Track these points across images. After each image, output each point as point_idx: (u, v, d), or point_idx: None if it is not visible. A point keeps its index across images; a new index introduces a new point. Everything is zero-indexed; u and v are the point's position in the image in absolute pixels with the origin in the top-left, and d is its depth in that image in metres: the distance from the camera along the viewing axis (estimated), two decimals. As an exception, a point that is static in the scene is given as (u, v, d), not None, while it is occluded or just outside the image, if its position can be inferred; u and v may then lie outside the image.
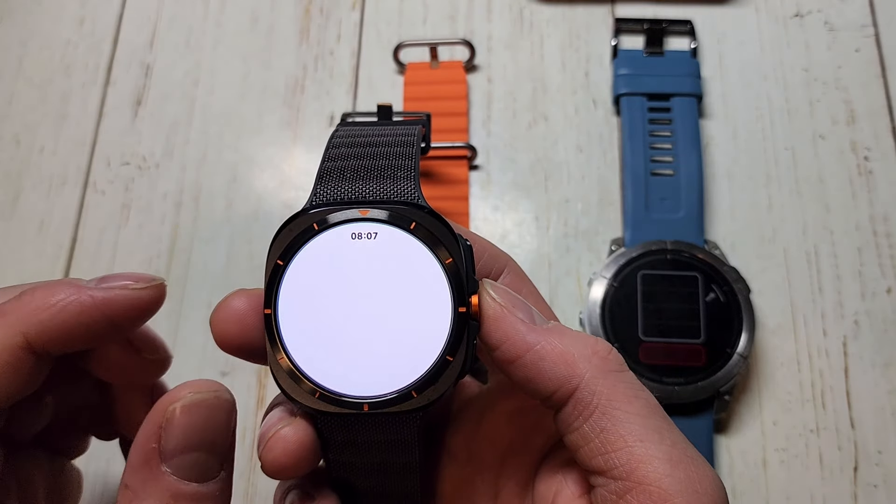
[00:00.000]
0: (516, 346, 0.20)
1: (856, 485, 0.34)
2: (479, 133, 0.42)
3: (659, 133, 0.39)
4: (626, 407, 0.19)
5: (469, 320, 0.20)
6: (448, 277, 0.20)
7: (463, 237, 0.21)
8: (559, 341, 0.20)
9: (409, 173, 0.21)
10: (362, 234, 0.21)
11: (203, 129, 0.43)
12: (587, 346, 0.20)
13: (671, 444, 0.19)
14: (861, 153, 0.40)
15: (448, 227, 0.20)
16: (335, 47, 0.44)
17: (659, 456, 0.18)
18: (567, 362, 0.20)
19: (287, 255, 0.21)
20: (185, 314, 0.39)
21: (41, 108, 0.43)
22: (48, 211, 0.41)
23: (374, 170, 0.22)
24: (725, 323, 0.34)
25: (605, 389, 0.19)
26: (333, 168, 0.22)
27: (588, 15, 0.44)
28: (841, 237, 0.39)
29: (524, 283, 0.24)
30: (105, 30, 0.45)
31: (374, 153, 0.22)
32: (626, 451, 0.18)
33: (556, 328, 0.21)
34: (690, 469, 0.18)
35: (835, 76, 0.42)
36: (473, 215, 0.40)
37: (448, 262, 0.20)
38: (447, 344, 0.20)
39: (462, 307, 0.20)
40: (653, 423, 0.19)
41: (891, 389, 0.36)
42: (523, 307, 0.21)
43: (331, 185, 0.21)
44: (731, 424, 0.36)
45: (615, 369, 0.20)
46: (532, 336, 0.20)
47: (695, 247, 0.36)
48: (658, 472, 0.18)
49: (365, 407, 0.20)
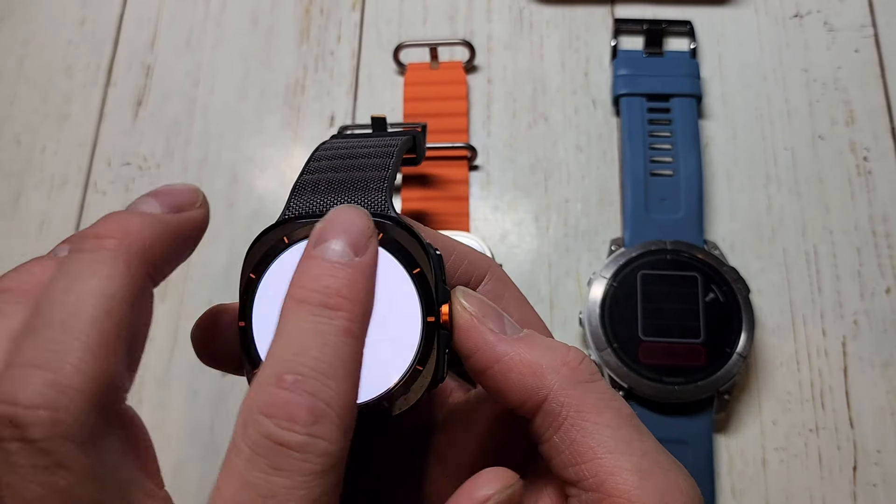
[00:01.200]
0: (485, 357, 0.20)
1: (855, 484, 0.35)
2: (479, 133, 0.42)
3: (658, 133, 0.39)
4: (595, 418, 0.19)
5: (439, 329, 0.20)
6: (417, 287, 0.20)
7: (433, 247, 0.21)
8: (528, 352, 0.20)
9: (381, 185, 0.21)
10: None
11: (204, 130, 0.43)
12: (557, 356, 0.20)
13: (641, 454, 0.19)
14: (860, 153, 0.40)
15: (416, 237, 0.20)
16: (335, 48, 0.44)
17: (628, 467, 0.18)
18: (535, 373, 0.19)
19: (259, 268, 0.21)
20: (186, 314, 0.39)
21: (42, 109, 0.43)
22: (49, 211, 0.41)
23: (347, 182, 0.22)
24: (725, 323, 0.34)
25: (573, 401, 0.19)
26: (308, 181, 0.22)
27: (588, 16, 0.44)
28: (840, 237, 0.39)
29: (507, 288, 0.24)
30: (106, 30, 0.45)
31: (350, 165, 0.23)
32: (595, 463, 0.18)
33: (527, 338, 0.20)
34: (660, 479, 0.18)
35: (834, 77, 0.42)
36: (473, 215, 0.40)
37: (416, 272, 0.20)
38: (416, 354, 0.20)
39: (431, 317, 0.20)
40: (623, 433, 0.19)
41: (890, 389, 0.36)
42: (495, 316, 0.20)
43: (303, 198, 0.22)
44: (730, 424, 0.36)
45: (585, 380, 0.20)
46: (501, 346, 0.20)
47: (694, 247, 0.36)
48: (627, 484, 0.18)
49: None
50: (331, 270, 0.18)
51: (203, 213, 0.20)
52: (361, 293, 0.18)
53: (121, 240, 0.17)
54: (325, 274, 0.18)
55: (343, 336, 0.17)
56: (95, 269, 0.17)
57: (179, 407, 0.37)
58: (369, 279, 0.19)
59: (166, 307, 0.39)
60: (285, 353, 0.17)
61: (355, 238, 0.19)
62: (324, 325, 0.17)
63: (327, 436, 0.16)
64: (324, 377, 0.16)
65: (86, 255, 0.17)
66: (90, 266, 0.17)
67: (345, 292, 0.18)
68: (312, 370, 0.16)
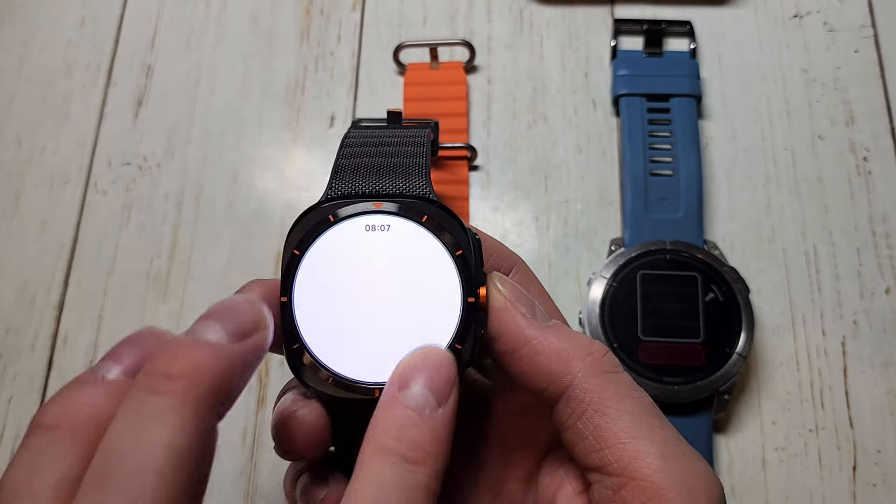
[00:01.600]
0: (515, 339, 0.21)
1: (855, 484, 0.35)
2: (479, 133, 0.42)
3: (658, 133, 0.39)
4: (617, 405, 0.19)
5: (477, 311, 0.21)
6: (458, 269, 0.21)
7: (472, 231, 0.21)
8: (557, 339, 0.21)
9: (420, 170, 0.22)
10: (376, 226, 0.21)
11: (204, 130, 0.43)
12: (583, 346, 0.21)
13: (663, 440, 0.19)
14: (860, 153, 0.40)
15: (459, 220, 0.21)
16: (335, 48, 0.44)
17: (651, 451, 0.19)
18: (562, 360, 0.20)
19: (303, 245, 0.21)
20: (186, 314, 0.39)
21: (42, 109, 0.43)
22: (49, 211, 0.41)
23: (386, 167, 0.22)
24: (725, 323, 0.34)
25: (597, 388, 0.20)
26: (347, 165, 0.23)
27: (587, 16, 0.44)
28: (840, 237, 0.39)
29: (532, 282, 0.25)
30: (106, 30, 0.45)
31: (386, 152, 0.23)
32: (619, 448, 0.19)
33: (556, 327, 0.21)
34: (684, 464, 0.19)
35: (834, 77, 0.42)
36: (473, 215, 0.40)
37: (458, 253, 0.21)
38: (456, 333, 0.20)
39: (471, 297, 0.21)
40: (645, 420, 0.19)
41: (889, 389, 0.36)
42: (527, 302, 0.21)
43: (345, 180, 0.22)
44: (730, 424, 0.36)
45: (608, 370, 0.20)
46: (531, 331, 0.21)
47: (694, 247, 0.36)
48: (651, 468, 0.18)
49: (376, 392, 0.20)
50: (415, 421, 0.18)
51: (267, 335, 0.19)
52: (443, 447, 0.18)
53: (190, 380, 0.16)
54: (409, 424, 0.18)
55: (424, 492, 0.18)
56: (166, 417, 0.16)
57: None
58: (451, 431, 0.19)
59: (167, 307, 0.39)
60: (367, 499, 0.17)
61: (440, 386, 0.19)
62: (405, 479, 0.17)
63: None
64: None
65: (157, 400, 0.16)
66: (160, 414, 0.16)
67: (427, 446, 0.18)
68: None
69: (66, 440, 0.16)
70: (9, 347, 0.38)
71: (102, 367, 0.18)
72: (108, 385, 0.17)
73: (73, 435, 0.16)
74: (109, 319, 0.39)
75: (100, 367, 0.18)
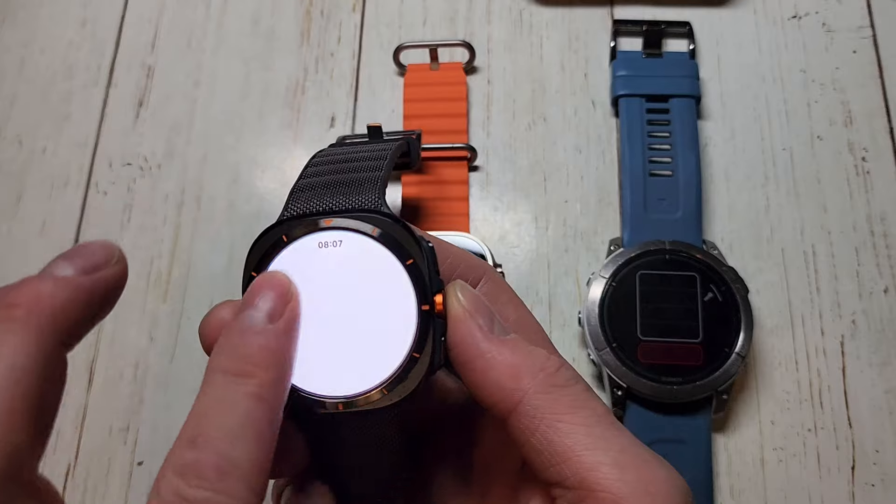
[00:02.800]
0: (469, 350, 0.20)
1: (853, 483, 0.35)
2: (479, 134, 0.42)
3: (657, 134, 0.39)
4: (570, 419, 0.19)
5: (434, 318, 0.21)
6: (411, 278, 0.21)
7: (425, 239, 0.21)
8: (510, 353, 0.20)
9: (374, 185, 0.22)
10: (328, 243, 0.22)
11: (204, 130, 0.43)
12: (537, 362, 0.20)
13: (619, 449, 0.19)
14: (858, 154, 0.40)
15: (409, 230, 0.21)
16: (336, 49, 0.44)
17: (606, 462, 0.19)
18: (513, 375, 0.20)
19: (260, 266, 0.22)
20: (187, 314, 0.39)
21: (43, 109, 0.44)
22: (50, 211, 0.41)
23: (341, 183, 0.23)
24: (723, 322, 0.34)
25: (548, 404, 0.20)
26: (305, 185, 0.23)
27: (587, 17, 0.44)
28: (838, 237, 0.39)
29: (503, 291, 0.25)
30: (107, 31, 0.45)
31: (345, 168, 0.24)
32: (574, 461, 0.19)
33: (512, 341, 0.21)
34: (642, 471, 0.19)
35: (832, 77, 0.42)
36: (473, 216, 0.40)
37: (409, 263, 0.21)
38: (414, 341, 0.20)
39: (425, 305, 0.21)
40: (599, 431, 0.19)
41: (888, 388, 0.36)
42: (486, 313, 0.21)
43: (301, 199, 0.23)
44: (729, 423, 0.36)
45: (561, 384, 0.20)
46: (485, 344, 0.20)
47: (693, 247, 0.36)
48: (608, 478, 0.18)
49: (339, 406, 0.21)
50: (245, 338, 0.19)
51: (117, 270, 0.20)
52: (274, 359, 0.19)
53: (31, 308, 0.18)
54: (239, 343, 0.19)
55: (254, 401, 0.18)
56: (4, 339, 0.17)
57: (181, 408, 0.37)
58: (284, 344, 0.20)
59: (167, 307, 0.39)
60: (198, 417, 0.18)
61: (273, 304, 0.20)
62: (234, 391, 0.18)
63: (233, 492, 0.17)
64: (232, 438, 0.17)
65: None
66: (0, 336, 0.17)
67: (256, 359, 0.19)
68: (221, 432, 0.17)
69: None
70: (10, 347, 0.39)
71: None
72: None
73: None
74: (110, 320, 0.39)
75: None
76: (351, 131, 0.42)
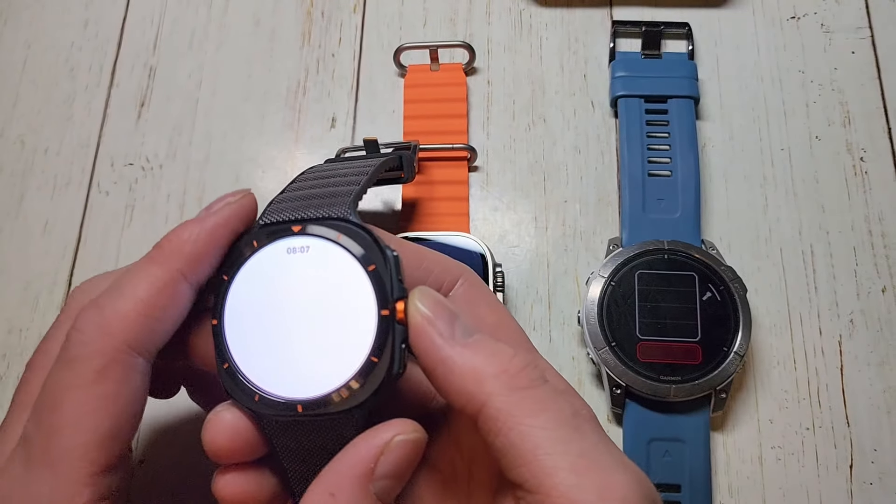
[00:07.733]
0: (431, 359, 0.20)
1: (851, 482, 0.35)
2: (479, 134, 0.42)
3: (656, 134, 0.39)
4: (531, 421, 0.19)
5: (395, 324, 0.21)
6: (372, 284, 0.21)
7: (390, 248, 0.22)
8: (472, 357, 0.20)
9: (346, 198, 0.23)
10: (296, 249, 0.22)
11: (206, 131, 0.43)
12: (500, 363, 0.20)
13: (579, 453, 0.19)
14: (857, 154, 0.40)
15: (373, 237, 0.22)
16: (336, 50, 0.44)
17: (564, 466, 0.18)
18: (475, 379, 0.20)
19: (231, 271, 0.23)
20: (188, 313, 0.39)
21: (45, 110, 0.44)
22: (53, 211, 0.42)
23: (316, 196, 0.24)
24: (722, 322, 0.34)
25: (509, 407, 0.19)
26: (284, 197, 0.25)
27: (586, 18, 0.44)
28: (836, 237, 0.39)
29: (480, 293, 0.24)
30: (109, 32, 0.46)
31: (325, 183, 0.25)
32: (534, 465, 0.19)
33: (475, 343, 0.21)
34: (599, 476, 0.19)
35: (830, 78, 0.42)
36: (473, 216, 0.40)
37: (371, 268, 0.21)
38: (373, 346, 0.21)
39: (385, 310, 0.21)
40: (560, 434, 0.19)
41: (886, 388, 0.36)
42: (447, 318, 0.21)
43: (275, 210, 0.24)
44: (727, 422, 0.36)
45: (523, 385, 0.20)
46: (446, 350, 0.20)
47: (691, 247, 0.36)
48: (565, 483, 0.18)
49: (299, 408, 0.21)
50: None
51: (237, 203, 0.24)
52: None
53: (163, 249, 0.23)
54: None
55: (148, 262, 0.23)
56: (147, 268, 0.23)
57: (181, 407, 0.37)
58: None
59: (169, 306, 0.39)
60: None
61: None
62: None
63: None
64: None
65: (142, 261, 0.23)
66: (144, 268, 0.23)
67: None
68: None
69: None
70: (12, 347, 0.39)
71: None
72: None
73: None
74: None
75: None
76: (352, 131, 0.43)
